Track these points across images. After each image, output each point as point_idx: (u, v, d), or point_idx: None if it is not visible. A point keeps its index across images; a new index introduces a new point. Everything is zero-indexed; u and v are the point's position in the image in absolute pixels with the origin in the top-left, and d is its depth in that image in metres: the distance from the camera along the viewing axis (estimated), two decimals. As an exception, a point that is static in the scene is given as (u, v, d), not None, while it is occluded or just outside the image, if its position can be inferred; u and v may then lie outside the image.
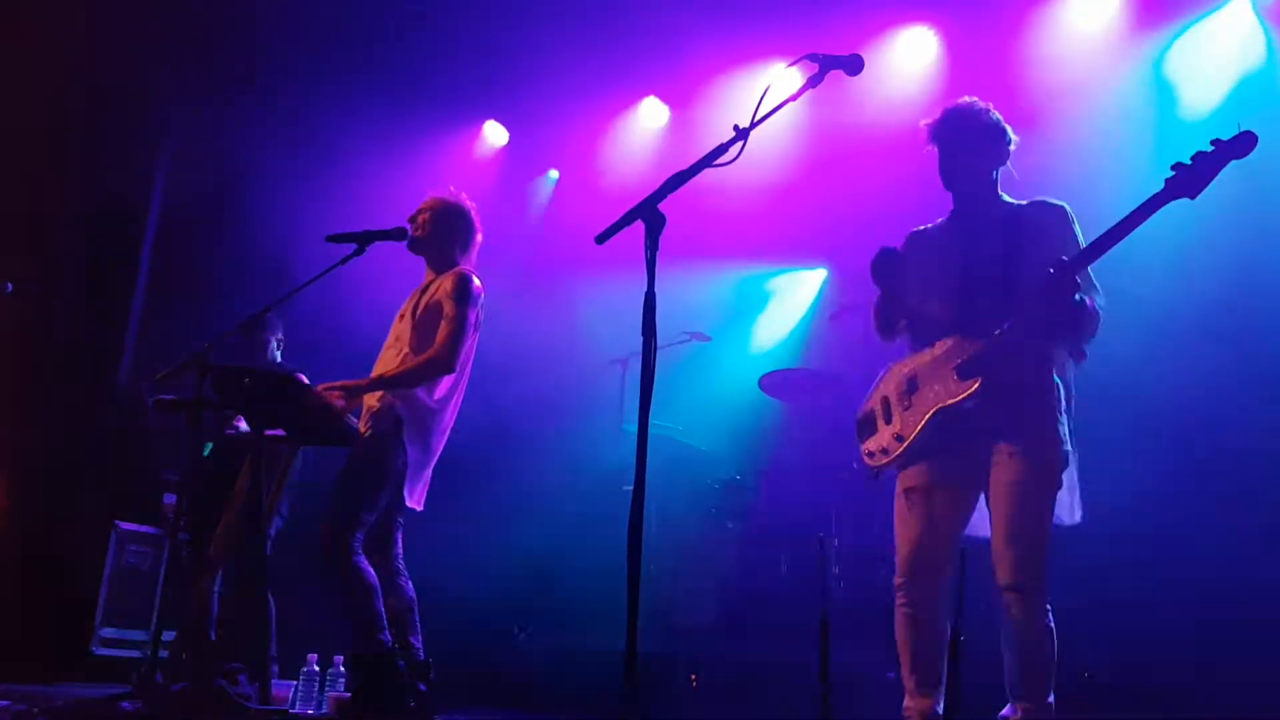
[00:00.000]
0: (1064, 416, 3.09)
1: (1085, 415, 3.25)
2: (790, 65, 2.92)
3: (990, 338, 3.04)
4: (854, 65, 2.79)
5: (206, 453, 4.88)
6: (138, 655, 5.66)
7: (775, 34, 6.32)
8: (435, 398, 3.80)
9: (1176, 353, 5.12)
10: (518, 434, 6.97)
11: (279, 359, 5.20)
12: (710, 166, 2.67)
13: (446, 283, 3.84)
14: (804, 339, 7.67)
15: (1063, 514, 3.12)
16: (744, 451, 6.82)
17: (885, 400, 3.36)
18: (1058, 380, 3.11)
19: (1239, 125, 2.81)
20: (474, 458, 4.47)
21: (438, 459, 3.88)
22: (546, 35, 6.66)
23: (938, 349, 3.19)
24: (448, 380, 3.83)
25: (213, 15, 6.42)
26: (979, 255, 3.19)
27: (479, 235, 4.07)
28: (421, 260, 4.06)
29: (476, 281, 3.88)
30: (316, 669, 4.22)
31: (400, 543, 3.83)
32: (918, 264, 3.34)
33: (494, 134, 7.74)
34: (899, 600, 3.16)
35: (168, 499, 6.06)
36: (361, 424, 3.78)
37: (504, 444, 6.86)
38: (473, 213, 4.05)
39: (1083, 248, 2.98)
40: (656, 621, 5.74)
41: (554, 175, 8.02)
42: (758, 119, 2.71)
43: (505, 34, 6.71)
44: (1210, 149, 2.80)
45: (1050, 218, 3.18)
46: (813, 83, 2.81)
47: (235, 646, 3.93)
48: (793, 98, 2.81)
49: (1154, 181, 2.93)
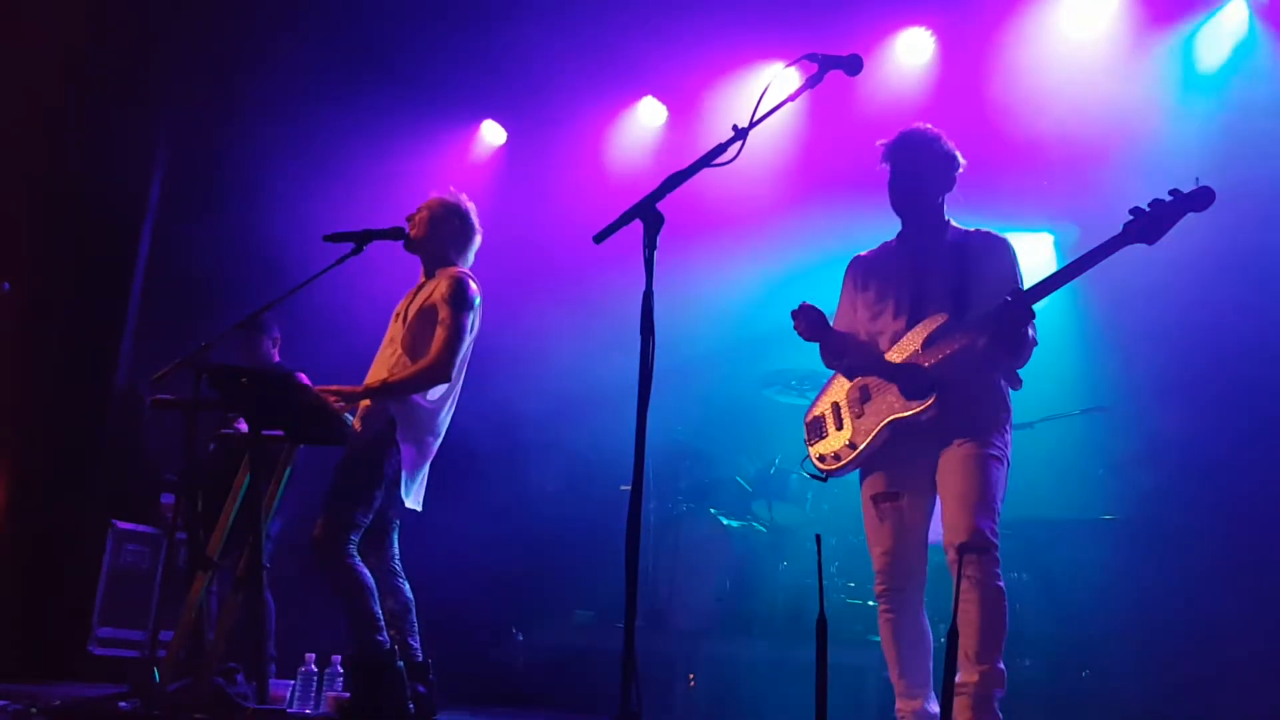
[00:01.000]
0: (1009, 430, 3.21)
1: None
2: (789, 65, 2.92)
3: (944, 355, 3.12)
4: (853, 65, 2.79)
5: (210, 447, 4.87)
6: (135, 655, 5.66)
7: (774, 34, 6.32)
8: (429, 398, 3.77)
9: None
10: (515, 434, 6.96)
11: (276, 358, 5.19)
12: (709, 166, 2.67)
13: (442, 285, 3.80)
14: (802, 339, 7.65)
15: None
16: (743, 451, 6.82)
17: (835, 405, 3.43)
18: (1005, 397, 3.22)
19: (1197, 180, 2.89)
20: (470, 458, 4.47)
21: (433, 458, 3.87)
22: (544, 34, 6.65)
23: (890, 358, 3.26)
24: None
25: (210, 14, 6.42)
26: (930, 273, 3.29)
27: (478, 236, 4.03)
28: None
29: (473, 285, 3.84)
30: (314, 669, 4.21)
31: (397, 543, 3.82)
32: (866, 284, 3.44)
33: (492, 133, 7.73)
34: (881, 607, 3.23)
35: (165, 499, 6.05)
36: (355, 424, 3.77)
37: (501, 444, 6.86)
38: (471, 214, 4.02)
39: (1036, 282, 3.06)
40: (654, 622, 5.75)
41: (552, 175, 8.00)
42: (756, 119, 2.71)
43: (503, 33, 6.71)
44: (1169, 199, 2.88)
45: (996, 247, 3.30)
46: (811, 83, 2.81)
47: (233, 646, 3.92)
48: (791, 98, 2.82)
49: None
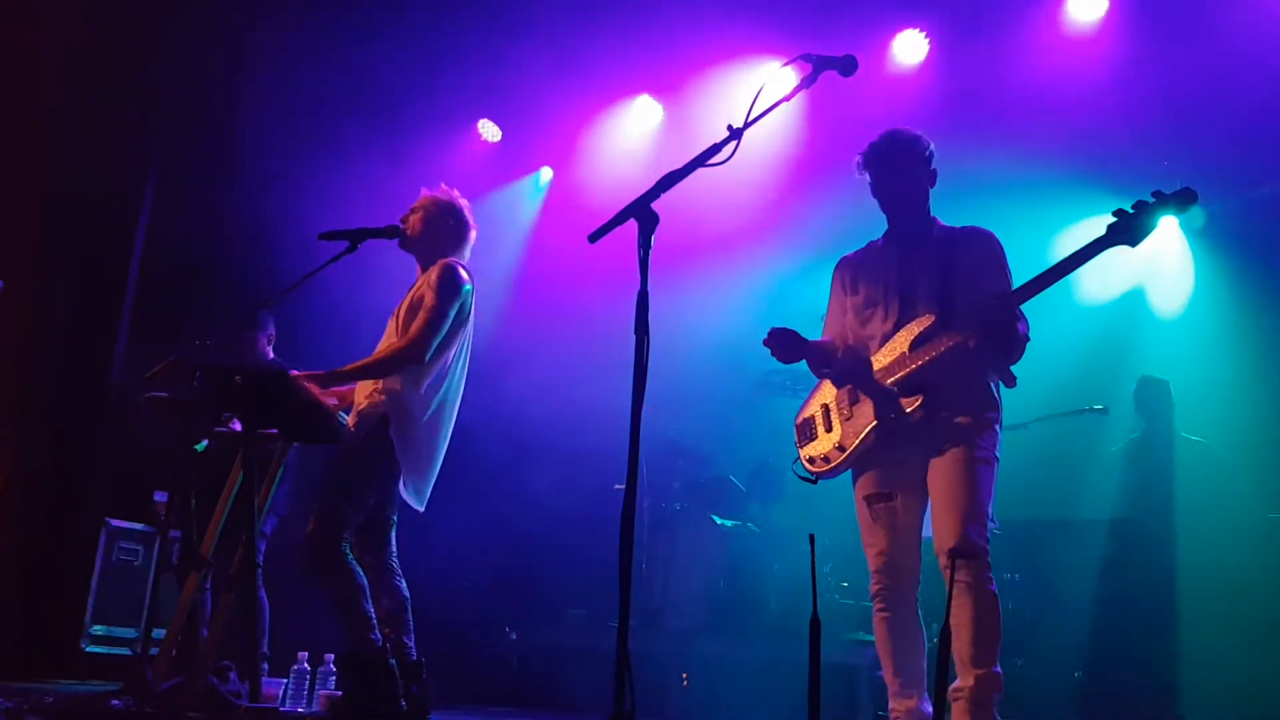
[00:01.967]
0: (999, 430, 3.19)
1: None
2: (784, 65, 2.91)
3: (931, 357, 3.11)
4: (848, 66, 2.79)
5: (201, 449, 4.86)
6: (128, 653, 5.65)
7: (770, 33, 6.33)
8: (421, 391, 3.71)
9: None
10: (511, 434, 6.96)
11: (271, 356, 5.19)
12: (704, 166, 2.67)
13: (432, 274, 3.78)
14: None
15: None
16: (737, 451, 6.83)
17: (825, 408, 3.43)
18: (996, 397, 3.21)
19: (1181, 181, 2.89)
20: (465, 456, 4.45)
21: (441, 458, 3.81)
22: (540, 33, 6.65)
23: (879, 360, 3.26)
24: (435, 372, 3.74)
25: (207, 12, 6.40)
26: (917, 273, 3.29)
27: (472, 233, 4.02)
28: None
29: (463, 273, 3.80)
30: (307, 667, 4.21)
31: (394, 543, 3.81)
32: (855, 287, 3.44)
33: (487, 132, 7.72)
34: (876, 606, 3.23)
35: (158, 496, 6.04)
36: (350, 420, 3.76)
37: (496, 443, 6.85)
38: (465, 210, 4.00)
39: (1024, 282, 3.05)
40: (648, 621, 5.75)
41: (547, 174, 8.01)
42: (751, 119, 2.71)
43: (499, 32, 6.71)
44: (1151, 200, 2.88)
45: (983, 242, 3.29)
46: (806, 83, 2.82)
47: (226, 644, 3.91)
48: (786, 98, 2.82)
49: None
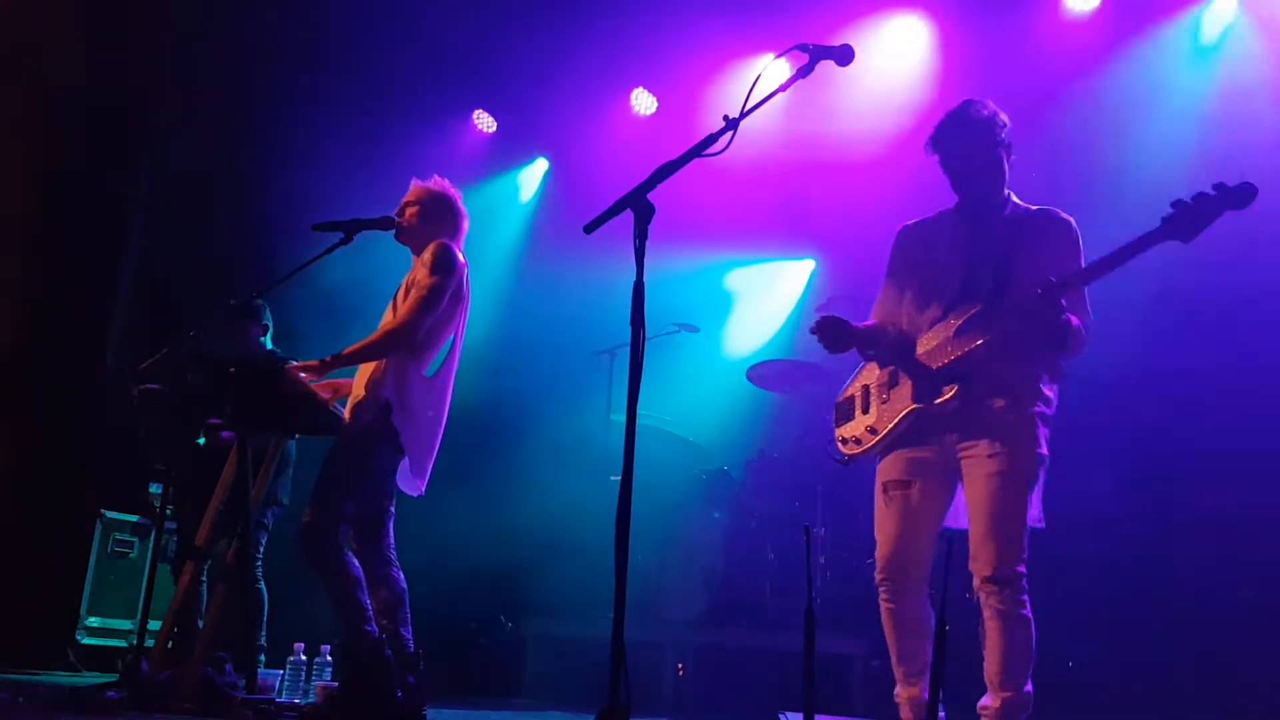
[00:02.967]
0: (1044, 425, 3.06)
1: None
2: (780, 55, 2.90)
3: (973, 346, 3.02)
4: (844, 55, 2.78)
5: (202, 443, 4.85)
6: (123, 644, 5.65)
7: (765, 24, 6.31)
8: (423, 375, 3.71)
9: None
10: (506, 424, 6.96)
11: (269, 347, 5.18)
12: (700, 156, 2.66)
13: (426, 254, 3.76)
14: (793, 330, 7.69)
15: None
16: (732, 442, 6.84)
17: (865, 389, 3.35)
18: (1043, 389, 3.09)
19: (1242, 175, 2.71)
20: (461, 448, 4.45)
21: (439, 441, 3.80)
22: (535, 25, 6.63)
23: (925, 344, 3.16)
24: (433, 355, 3.74)
25: (201, 4, 6.38)
26: (981, 256, 3.15)
27: (465, 222, 4.03)
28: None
29: (455, 251, 3.79)
30: (303, 658, 4.21)
31: (392, 533, 3.81)
32: (917, 262, 3.30)
33: (482, 123, 7.71)
34: (882, 595, 3.17)
35: (154, 488, 6.03)
36: (347, 411, 3.75)
37: (491, 434, 6.86)
38: (457, 200, 4.01)
39: (1066, 274, 2.94)
40: (644, 611, 5.76)
41: (542, 164, 8.00)
42: (747, 109, 2.70)
43: (494, 23, 6.69)
44: (1212, 193, 2.72)
45: (1055, 230, 3.14)
46: (802, 73, 2.80)
47: (222, 635, 3.92)
48: (782, 87, 2.80)
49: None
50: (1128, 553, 5.22)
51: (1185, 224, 2.75)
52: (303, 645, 4.25)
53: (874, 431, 3.23)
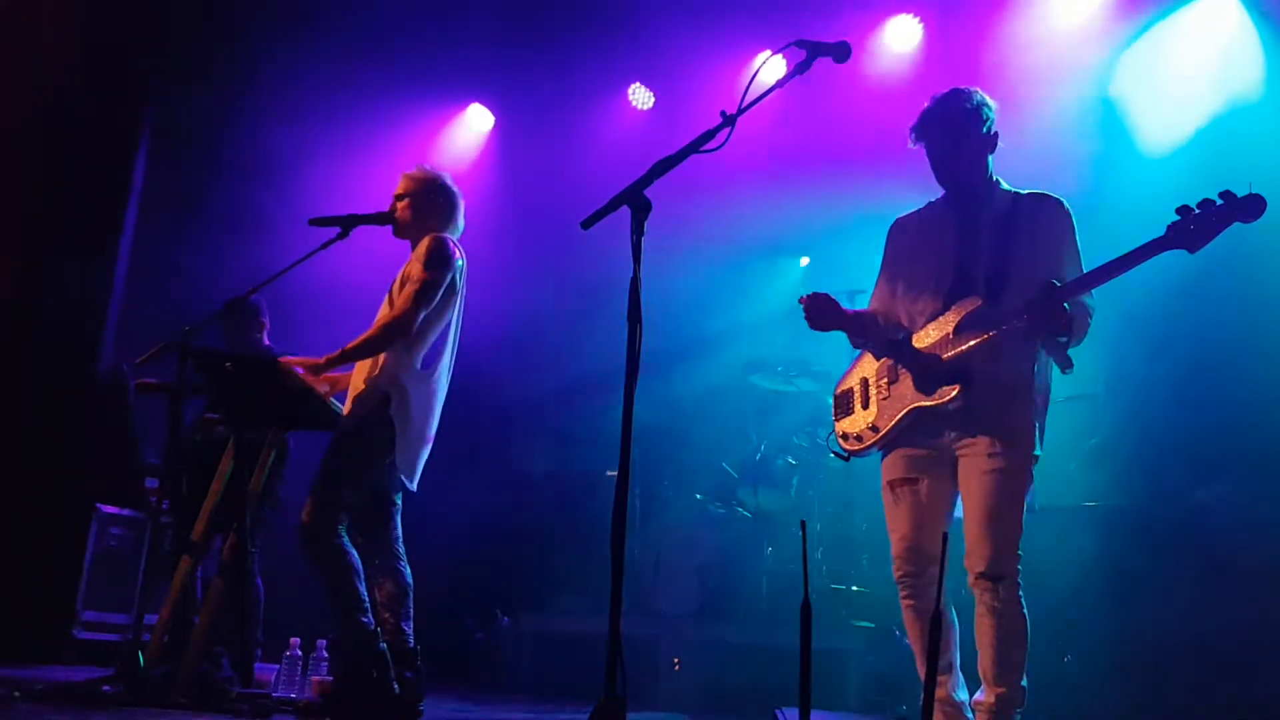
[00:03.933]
0: (1041, 425, 3.06)
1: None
2: (777, 52, 2.90)
3: (974, 343, 3.00)
4: (841, 52, 2.78)
5: (197, 438, 4.85)
6: (120, 639, 5.65)
7: (763, 20, 6.31)
8: (419, 368, 3.70)
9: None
10: (503, 418, 6.96)
11: (266, 342, 5.17)
12: (697, 153, 2.66)
13: (420, 247, 3.75)
14: (789, 326, 7.69)
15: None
16: (728, 438, 6.85)
17: (865, 382, 3.32)
18: (1041, 387, 3.08)
19: (1250, 185, 2.65)
20: (458, 442, 4.45)
21: (434, 436, 3.80)
22: (532, 19, 6.63)
23: (923, 339, 3.14)
24: (430, 348, 3.73)
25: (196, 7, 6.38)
26: (975, 246, 3.13)
27: (461, 202, 3.95)
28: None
29: (452, 246, 3.77)
30: (299, 653, 4.21)
31: (399, 526, 3.80)
32: (910, 258, 3.29)
33: (480, 118, 7.70)
34: (902, 592, 3.14)
35: (150, 482, 6.03)
36: (346, 405, 3.75)
37: (489, 428, 6.86)
38: (450, 182, 3.94)
39: (1071, 280, 2.92)
40: (640, 606, 5.77)
41: (539, 160, 7.97)
42: (745, 105, 2.71)
43: (491, 17, 6.67)
44: (1219, 202, 2.67)
45: (1047, 213, 3.11)
46: (799, 70, 2.80)
47: (218, 630, 3.92)
48: (780, 84, 2.81)
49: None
50: (1122, 546, 5.23)
51: (1191, 233, 2.70)
52: (299, 640, 4.25)
53: (875, 429, 3.21)
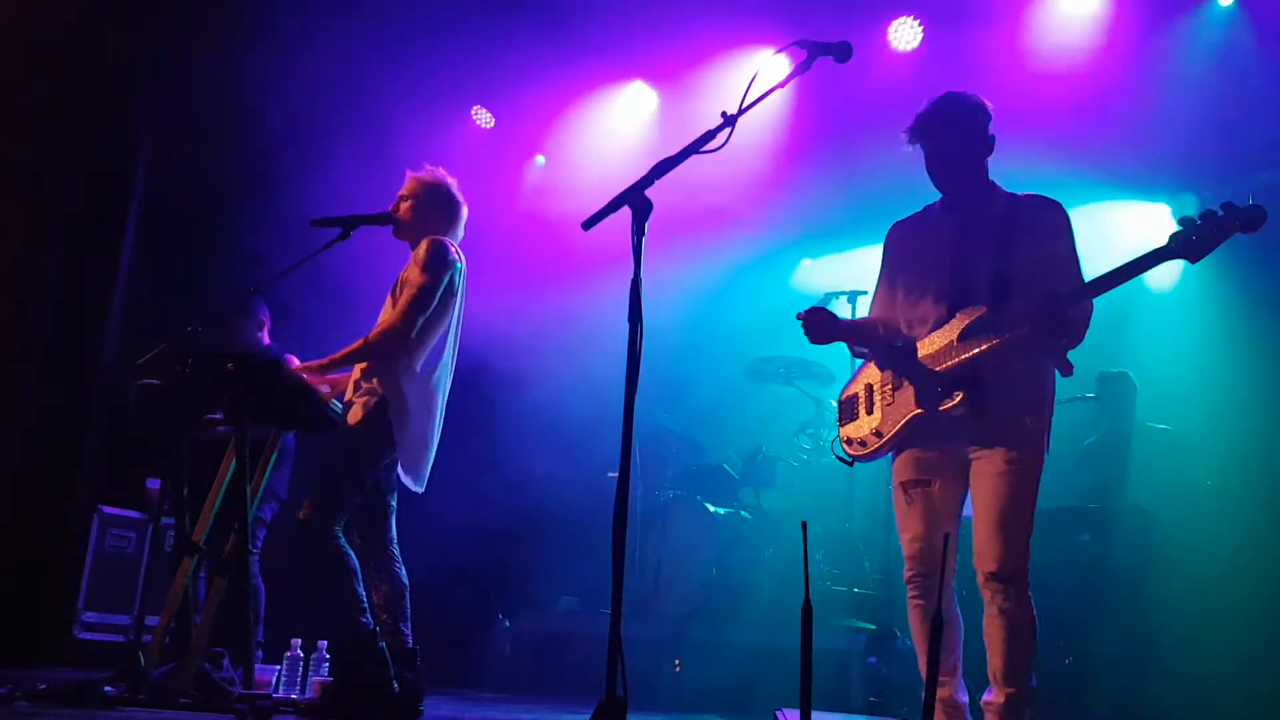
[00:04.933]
0: (1049, 430, 3.07)
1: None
2: (778, 52, 2.90)
3: (979, 350, 2.99)
4: (842, 52, 2.78)
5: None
6: (121, 639, 5.65)
7: (764, 20, 6.30)
8: (417, 371, 3.70)
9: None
10: (503, 419, 6.96)
11: (266, 341, 5.17)
12: (698, 153, 2.66)
13: (419, 250, 3.76)
14: (789, 326, 7.69)
15: None
16: (729, 437, 6.85)
17: (869, 388, 3.31)
18: (1048, 392, 3.08)
19: (1251, 197, 2.68)
20: (459, 444, 4.45)
21: (438, 438, 3.80)
22: (533, 19, 6.62)
23: (927, 346, 3.14)
24: (429, 351, 3.74)
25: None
26: (974, 252, 3.12)
27: (464, 209, 3.98)
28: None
29: (450, 248, 3.78)
30: (300, 654, 4.21)
31: (395, 528, 3.81)
32: (908, 263, 3.28)
33: (480, 119, 7.70)
34: (910, 594, 3.14)
35: (151, 483, 6.03)
36: (345, 408, 3.75)
37: (488, 430, 6.85)
38: (454, 188, 3.96)
39: (1075, 288, 2.92)
40: (641, 607, 5.77)
41: (541, 160, 7.99)
42: (746, 105, 2.70)
43: (492, 17, 6.67)
44: (1220, 213, 2.70)
45: (1047, 218, 3.11)
46: (801, 69, 2.80)
47: (219, 630, 3.91)
48: (781, 84, 2.81)
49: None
50: (1127, 545, 5.23)
51: (1192, 243, 2.72)
52: (300, 641, 4.25)
53: (879, 435, 3.21)
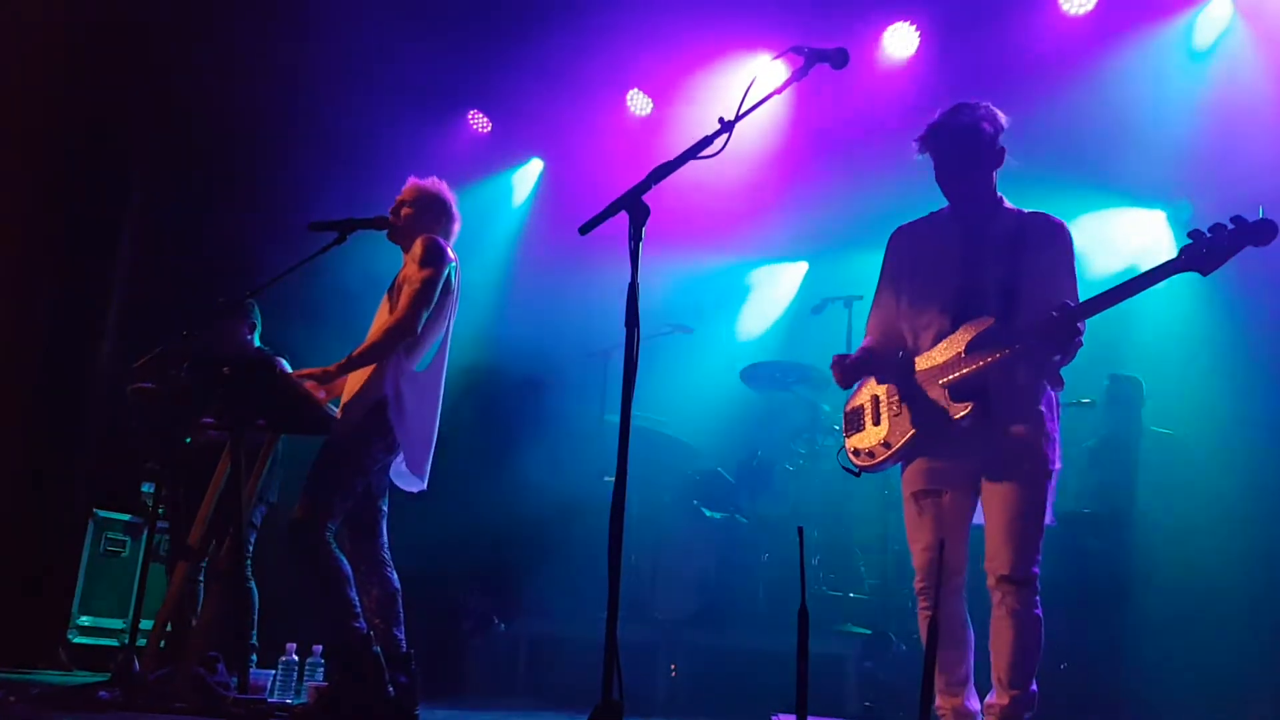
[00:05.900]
0: (1057, 439, 3.07)
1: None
2: (776, 58, 2.91)
3: (987, 362, 2.99)
4: (839, 59, 2.79)
5: (188, 441, 4.84)
6: (115, 643, 5.64)
7: (760, 27, 6.32)
8: (415, 370, 3.72)
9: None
10: (499, 424, 6.96)
11: (256, 345, 5.17)
12: (695, 158, 2.67)
13: (416, 248, 3.79)
14: (786, 331, 7.71)
15: None
16: (725, 443, 6.85)
17: (875, 399, 3.30)
18: (1052, 403, 3.09)
19: (1261, 210, 2.69)
20: (454, 448, 4.45)
21: (435, 435, 3.80)
22: (531, 26, 6.63)
23: (933, 356, 3.13)
24: (426, 350, 3.76)
25: (191, 7, 6.37)
26: (982, 264, 3.13)
27: (457, 224, 4.04)
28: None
29: (443, 243, 3.82)
30: (295, 658, 4.21)
31: (386, 532, 3.81)
32: (913, 270, 3.28)
33: (477, 124, 7.70)
34: (920, 604, 3.15)
35: (146, 487, 6.02)
36: (340, 410, 3.75)
37: (485, 434, 6.85)
38: (452, 203, 4.02)
39: (1087, 300, 2.92)
40: (637, 612, 5.77)
41: (537, 166, 7.98)
42: (743, 111, 2.71)
43: (489, 24, 6.68)
44: (1230, 226, 2.71)
45: (1055, 237, 3.12)
46: (798, 76, 2.81)
47: (214, 635, 3.91)
48: (778, 90, 2.81)
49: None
50: (1123, 549, 5.24)
51: (1203, 256, 2.73)
52: (295, 645, 4.24)
53: (888, 445, 3.20)
